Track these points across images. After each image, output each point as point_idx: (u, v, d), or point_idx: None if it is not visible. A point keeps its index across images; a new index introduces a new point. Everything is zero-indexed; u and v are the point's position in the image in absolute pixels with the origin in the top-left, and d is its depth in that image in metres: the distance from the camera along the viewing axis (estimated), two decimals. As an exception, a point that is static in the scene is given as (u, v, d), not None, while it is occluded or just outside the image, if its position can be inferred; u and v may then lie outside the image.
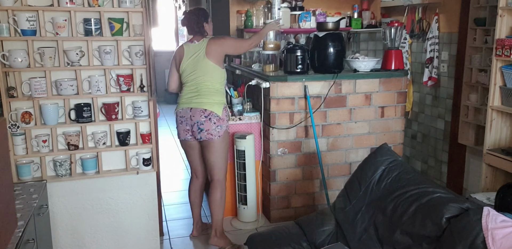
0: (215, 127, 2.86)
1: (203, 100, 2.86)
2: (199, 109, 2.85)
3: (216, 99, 2.88)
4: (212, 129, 2.86)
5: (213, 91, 2.89)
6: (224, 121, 2.91)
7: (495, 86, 2.95)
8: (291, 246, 2.28)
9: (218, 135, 2.89)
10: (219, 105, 2.89)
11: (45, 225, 2.45)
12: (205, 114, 2.85)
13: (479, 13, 3.49)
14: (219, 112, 2.87)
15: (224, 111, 2.92)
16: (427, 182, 2.07)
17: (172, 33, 8.91)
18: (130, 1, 2.54)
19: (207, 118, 2.85)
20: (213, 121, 2.86)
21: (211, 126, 2.86)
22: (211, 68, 2.88)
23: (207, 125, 2.85)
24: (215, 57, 2.88)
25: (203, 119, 2.85)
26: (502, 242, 1.59)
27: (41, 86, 2.47)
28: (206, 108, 2.85)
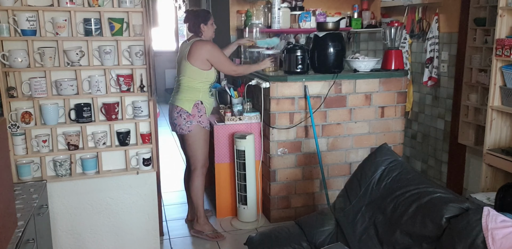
0: (184, 122, 3.07)
1: (177, 97, 3.11)
2: (174, 106, 3.12)
3: (188, 96, 3.07)
4: (182, 124, 3.08)
5: (188, 89, 3.07)
6: (195, 117, 3.08)
7: (495, 86, 2.94)
8: (291, 246, 2.28)
9: (188, 130, 3.09)
10: (190, 102, 3.07)
11: (45, 225, 2.45)
12: (177, 110, 3.09)
13: (479, 13, 3.49)
14: (189, 109, 3.06)
15: (195, 108, 3.08)
16: (427, 182, 2.07)
17: (172, 33, 8.91)
18: (130, 1, 2.54)
19: (178, 114, 3.08)
20: (183, 117, 3.07)
21: (181, 121, 3.08)
22: (189, 69, 3.04)
23: (179, 120, 3.09)
24: (195, 59, 3.02)
25: (175, 115, 3.10)
26: (502, 242, 1.59)
27: (41, 86, 2.47)
28: (177, 105, 3.09)
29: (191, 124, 3.07)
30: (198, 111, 3.09)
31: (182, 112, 3.07)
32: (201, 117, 3.11)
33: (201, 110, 3.11)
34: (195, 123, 3.09)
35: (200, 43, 3.04)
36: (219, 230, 3.35)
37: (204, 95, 3.12)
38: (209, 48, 3.03)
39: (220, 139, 3.44)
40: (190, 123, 3.07)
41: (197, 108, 3.09)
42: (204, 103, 3.12)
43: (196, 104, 3.08)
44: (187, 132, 3.09)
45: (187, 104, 3.06)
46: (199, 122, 3.10)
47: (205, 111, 3.14)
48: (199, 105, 3.09)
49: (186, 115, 3.07)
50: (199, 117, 3.10)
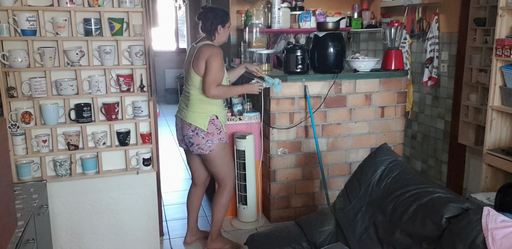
0: (204, 141, 2.72)
1: (188, 113, 2.74)
2: (186, 123, 2.74)
3: (200, 112, 2.71)
4: (202, 143, 2.73)
5: (199, 103, 2.72)
6: (214, 135, 2.73)
7: (495, 86, 2.94)
8: (291, 246, 2.28)
9: (209, 150, 2.74)
10: (203, 118, 2.71)
11: (45, 225, 2.45)
12: (191, 129, 2.72)
13: (479, 13, 3.49)
14: (204, 126, 2.70)
15: (211, 124, 2.72)
16: (427, 182, 2.07)
17: (172, 33, 8.91)
18: (130, 1, 2.54)
19: (194, 132, 2.72)
20: (201, 136, 2.72)
21: (200, 140, 2.72)
22: (195, 79, 2.71)
23: (196, 140, 2.72)
24: (200, 67, 2.67)
25: (191, 133, 2.73)
26: (502, 242, 1.59)
27: (41, 86, 2.47)
28: (191, 123, 2.72)
29: (212, 143, 2.73)
30: (216, 128, 2.75)
31: (198, 131, 2.71)
32: (220, 133, 2.77)
33: (218, 125, 2.76)
34: (217, 142, 2.75)
35: (206, 48, 2.67)
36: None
37: (218, 108, 2.76)
38: (211, 53, 2.64)
39: (220, 139, 3.43)
40: (211, 142, 2.73)
41: (214, 125, 2.74)
42: (220, 118, 2.78)
43: (212, 120, 2.73)
44: (208, 152, 2.75)
45: (201, 122, 2.70)
46: (220, 139, 2.77)
47: (222, 125, 2.79)
48: (215, 120, 2.74)
49: (204, 134, 2.71)
50: (218, 134, 2.76)
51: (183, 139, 2.81)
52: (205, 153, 2.76)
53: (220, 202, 2.94)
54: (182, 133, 2.80)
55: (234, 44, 4.43)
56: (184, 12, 6.94)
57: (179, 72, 8.85)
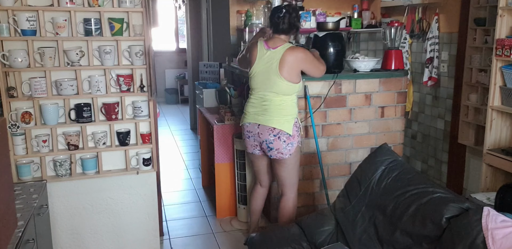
0: (285, 145, 2.69)
1: (271, 118, 2.68)
2: (267, 128, 2.69)
3: (285, 116, 2.69)
4: (282, 147, 2.69)
5: (283, 107, 2.69)
6: (295, 138, 2.72)
7: (495, 86, 2.94)
8: (291, 246, 2.28)
9: (289, 153, 2.72)
10: (289, 122, 2.69)
11: (45, 225, 2.45)
12: (274, 133, 2.68)
13: (479, 13, 3.49)
14: (289, 130, 2.68)
15: (295, 127, 2.71)
16: (427, 182, 2.07)
17: (172, 33, 8.91)
18: (130, 1, 2.54)
19: (276, 137, 2.69)
20: (283, 140, 2.68)
21: (281, 144, 2.69)
22: (283, 86, 2.65)
23: (277, 144, 2.69)
24: (289, 72, 2.63)
25: (271, 138, 2.69)
26: (502, 242, 1.59)
27: (41, 86, 2.47)
28: (275, 127, 2.67)
29: (292, 146, 2.71)
30: (297, 131, 2.75)
31: (281, 135, 2.68)
32: (299, 136, 2.78)
33: (298, 127, 2.77)
34: (296, 144, 2.74)
35: (293, 53, 2.62)
36: (220, 230, 3.36)
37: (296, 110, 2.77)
38: (303, 57, 2.64)
39: (220, 139, 3.44)
40: (291, 146, 2.71)
41: (296, 128, 2.74)
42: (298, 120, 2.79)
43: (295, 123, 2.73)
44: (287, 155, 2.72)
45: (286, 126, 2.68)
46: (298, 142, 2.77)
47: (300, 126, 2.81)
48: (297, 122, 2.75)
49: (286, 137, 2.69)
50: (298, 136, 2.76)
51: (259, 144, 2.77)
52: (284, 157, 2.72)
53: (286, 213, 2.87)
54: (259, 139, 2.74)
55: (234, 44, 4.42)
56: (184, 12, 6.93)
57: (179, 72, 8.85)
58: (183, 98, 8.57)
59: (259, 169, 2.97)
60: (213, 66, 4.99)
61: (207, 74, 5.04)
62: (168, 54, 8.90)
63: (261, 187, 3.05)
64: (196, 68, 6.08)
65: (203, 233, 3.32)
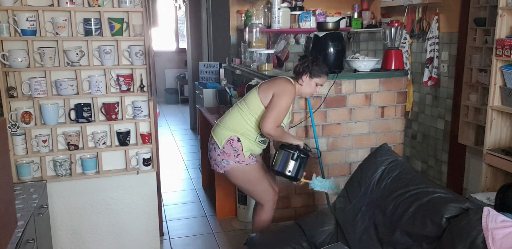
0: (220, 159, 2.59)
1: (216, 127, 2.66)
2: (210, 134, 2.69)
3: (227, 128, 2.59)
4: (218, 160, 2.60)
5: (234, 118, 2.61)
6: (230, 156, 2.55)
7: (495, 86, 2.94)
8: (291, 246, 2.28)
9: (224, 169, 2.59)
10: (224, 135, 2.57)
11: (45, 225, 2.45)
12: (211, 142, 2.65)
13: (479, 13, 3.49)
14: (220, 142, 2.57)
15: (229, 145, 2.54)
16: (427, 182, 2.07)
17: (172, 33, 8.91)
18: (130, 1, 2.53)
19: (213, 146, 2.62)
20: (218, 153, 2.59)
21: (217, 156, 2.60)
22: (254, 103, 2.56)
23: (213, 154, 2.61)
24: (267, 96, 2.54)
25: (210, 146, 2.65)
26: (502, 242, 1.59)
27: (41, 86, 2.47)
28: (213, 135, 2.65)
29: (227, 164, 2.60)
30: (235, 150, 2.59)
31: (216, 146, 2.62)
32: (238, 156, 2.61)
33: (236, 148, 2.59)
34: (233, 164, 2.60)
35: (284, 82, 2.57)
36: (220, 230, 3.35)
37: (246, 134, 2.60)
38: (285, 89, 2.52)
39: (220, 139, 3.43)
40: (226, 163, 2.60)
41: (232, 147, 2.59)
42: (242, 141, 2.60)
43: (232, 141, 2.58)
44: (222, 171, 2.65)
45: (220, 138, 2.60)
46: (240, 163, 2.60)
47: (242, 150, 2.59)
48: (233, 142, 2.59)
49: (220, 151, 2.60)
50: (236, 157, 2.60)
51: None
52: (220, 171, 2.64)
53: (257, 219, 2.77)
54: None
55: (234, 44, 4.42)
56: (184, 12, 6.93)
57: (179, 72, 8.85)
58: (183, 98, 8.57)
59: None
60: (213, 66, 4.99)
61: (207, 74, 5.04)
62: (168, 54, 8.89)
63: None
64: (196, 68, 6.08)
65: (203, 233, 3.32)
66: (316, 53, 2.71)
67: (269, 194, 2.70)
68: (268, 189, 2.69)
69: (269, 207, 2.73)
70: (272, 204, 2.74)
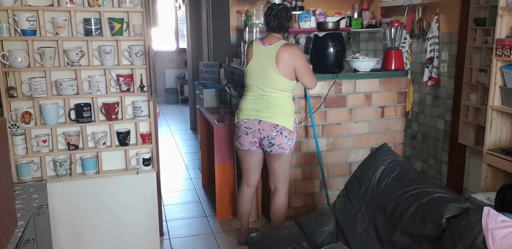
0: (286, 140, 2.77)
1: (273, 115, 2.75)
2: (269, 124, 2.75)
3: (286, 113, 2.77)
4: (284, 142, 2.77)
5: (283, 104, 2.77)
6: (295, 133, 2.82)
7: (495, 86, 2.94)
8: (291, 246, 2.28)
9: (289, 148, 2.81)
10: (290, 118, 2.78)
11: (45, 225, 2.45)
12: (276, 129, 2.75)
13: (479, 13, 3.48)
14: (290, 126, 2.77)
15: (294, 123, 2.82)
16: (427, 182, 2.07)
17: (172, 33, 8.91)
18: (130, 1, 2.53)
19: (279, 132, 2.76)
20: (285, 135, 2.76)
21: (283, 140, 2.76)
22: (281, 82, 2.73)
23: (279, 139, 2.76)
24: (285, 68, 2.72)
25: (274, 134, 2.76)
26: (502, 242, 1.58)
27: (41, 86, 2.47)
28: (277, 124, 2.75)
29: (292, 142, 2.81)
30: (295, 127, 2.85)
31: (283, 131, 2.76)
32: (297, 131, 2.90)
33: (296, 124, 2.87)
34: (295, 140, 2.85)
35: (288, 48, 2.72)
36: (220, 230, 3.35)
37: (294, 107, 2.87)
38: (297, 54, 2.72)
39: (220, 139, 3.44)
40: (291, 141, 2.81)
41: (295, 124, 2.85)
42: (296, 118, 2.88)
43: (295, 119, 2.84)
44: (288, 150, 2.82)
45: (288, 122, 2.77)
46: (297, 137, 2.89)
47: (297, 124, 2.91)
48: (296, 120, 2.86)
49: (287, 132, 2.77)
50: (296, 132, 2.86)
51: (259, 141, 2.81)
52: (285, 152, 2.80)
53: (281, 209, 2.96)
54: (260, 135, 2.78)
55: (234, 44, 4.42)
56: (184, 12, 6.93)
57: (179, 72, 8.85)
58: (183, 98, 8.57)
59: (251, 167, 2.98)
60: (213, 66, 4.99)
61: (207, 74, 5.04)
62: (168, 54, 8.89)
63: (248, 188, 3.04)
64: (196, 68, 6.08)
65: (203, 233, 3.32)
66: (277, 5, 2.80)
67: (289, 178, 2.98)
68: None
69: (286, 191, 2.96)
70: (287, 188, 2.98)
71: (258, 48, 2.78)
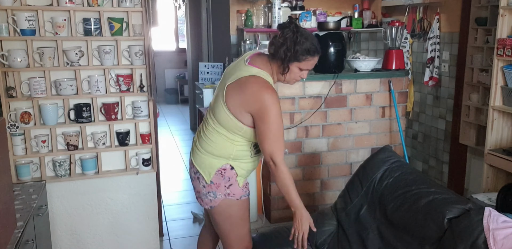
0: (205, 191, 1.99)
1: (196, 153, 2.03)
2: (191, 160, 2.07)
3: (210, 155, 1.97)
4: (201, 192, 2.01)
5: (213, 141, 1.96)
6: (220, 187, 1.95)
7: (497, 86, 2.94)
8: (291, 246, 2.27)
9: (209, 205, 2.00)
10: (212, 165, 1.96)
11: (44, 226, 2.44)
12: (194, 170, 2.04)
13: (480, 13, 3.48)
14: (207, 175, 1.97)
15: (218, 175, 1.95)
16: (429, 182, 2.06)
17: (172, 33, 8.91)
18: (129, 0, 2.53)
19: (196, 176, 2.03)
20: (202, 184, 1.99)
21: (201, 188, 2.00)
22: (223, 116, 1.90)
23: (196, 185, 2.03)
24: (235, 105, 1.86)
25: (192, 175, 2.06)
26: (504, 243, 1.58)
27: (41, 86, 2.46)
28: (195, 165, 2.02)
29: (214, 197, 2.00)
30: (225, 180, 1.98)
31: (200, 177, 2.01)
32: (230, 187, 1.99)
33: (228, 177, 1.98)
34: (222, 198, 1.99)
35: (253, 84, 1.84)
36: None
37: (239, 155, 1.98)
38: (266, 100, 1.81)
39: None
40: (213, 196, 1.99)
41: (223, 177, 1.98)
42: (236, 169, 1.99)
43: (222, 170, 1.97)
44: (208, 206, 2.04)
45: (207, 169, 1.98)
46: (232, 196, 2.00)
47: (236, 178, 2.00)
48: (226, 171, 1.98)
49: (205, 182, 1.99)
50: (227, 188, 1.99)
51: None
52: (205, 207, 2.05)
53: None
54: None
55: (234, 44, 4.42)
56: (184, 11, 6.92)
57: (179, 72, 8.85)
58: (183, 98, 8.57)
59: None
60: (216, 67, 4.97)
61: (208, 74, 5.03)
62: (168, 54, 8.89)
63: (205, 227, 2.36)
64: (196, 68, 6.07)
65: (203, 234, 3.31)
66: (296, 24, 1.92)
67: (243, 243, 2.10)
68: (245, 235, 2.10)
69: None
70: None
71: (228, 67, 2.03)
